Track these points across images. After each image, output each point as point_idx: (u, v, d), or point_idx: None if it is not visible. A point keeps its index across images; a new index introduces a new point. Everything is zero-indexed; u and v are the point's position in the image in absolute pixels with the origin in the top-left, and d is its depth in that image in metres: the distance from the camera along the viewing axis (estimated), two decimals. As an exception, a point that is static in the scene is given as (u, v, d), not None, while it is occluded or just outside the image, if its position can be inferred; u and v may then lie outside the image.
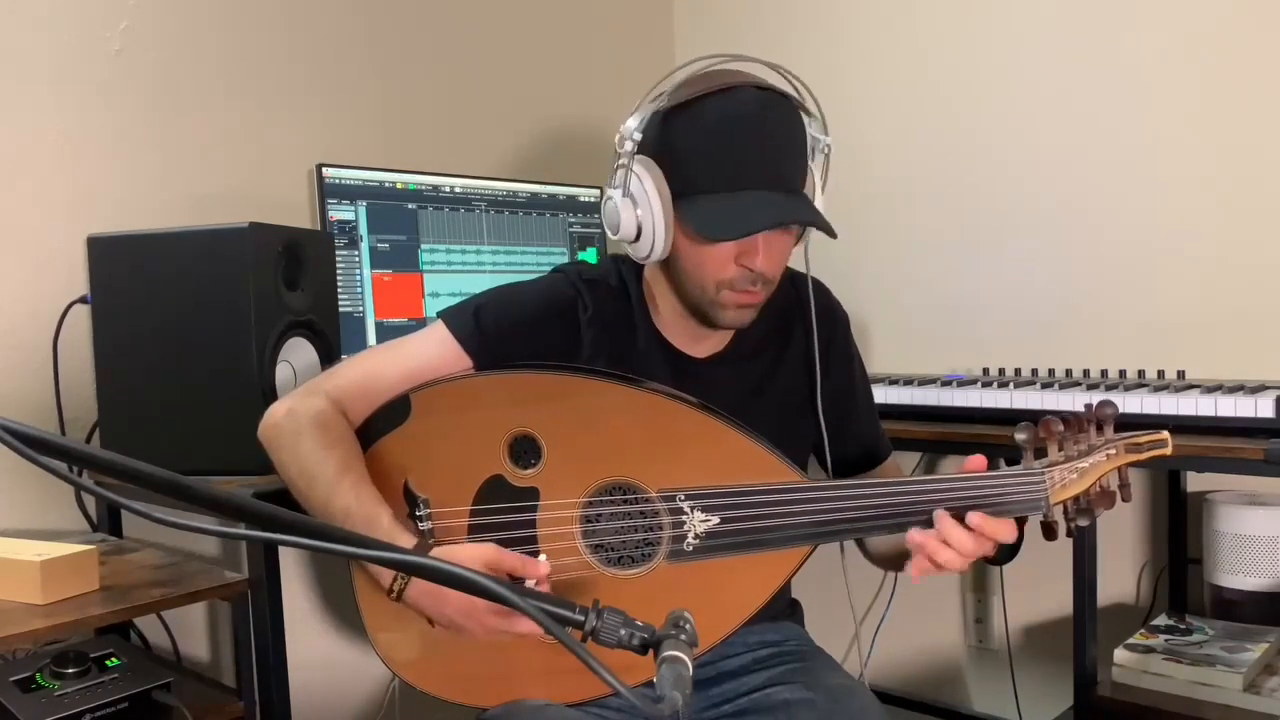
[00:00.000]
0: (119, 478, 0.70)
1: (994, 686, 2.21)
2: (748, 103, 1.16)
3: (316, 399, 1.19)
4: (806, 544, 1.18)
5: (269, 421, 1.21)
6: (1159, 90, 1.92)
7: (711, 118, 1.16)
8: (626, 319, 1.29)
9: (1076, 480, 1.13)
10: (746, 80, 1.19)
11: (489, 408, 1.20)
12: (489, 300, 1.28)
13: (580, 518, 1.18)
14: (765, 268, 1.19)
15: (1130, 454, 1.14)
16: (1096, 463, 1.13)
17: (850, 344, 1.42)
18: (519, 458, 1.19)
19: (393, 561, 0.84)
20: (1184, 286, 1.91)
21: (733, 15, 2.54)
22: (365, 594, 1.20)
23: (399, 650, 1.20)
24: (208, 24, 1.77)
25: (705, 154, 1.17)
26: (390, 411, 1.21)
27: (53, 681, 1.21)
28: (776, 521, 1.16)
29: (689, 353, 1.31)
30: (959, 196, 2.18)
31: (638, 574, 1.18)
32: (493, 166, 2.16)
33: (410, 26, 2.09)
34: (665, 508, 1.17)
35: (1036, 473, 1.12)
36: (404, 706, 1.85)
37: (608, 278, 1.31)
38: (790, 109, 1.20)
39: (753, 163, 1.16)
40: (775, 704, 1.22)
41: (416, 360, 1.23)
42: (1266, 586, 1.70)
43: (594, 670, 0.69)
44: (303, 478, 1.15)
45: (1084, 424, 1.15)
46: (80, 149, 1.62)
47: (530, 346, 1.24)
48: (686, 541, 1.17)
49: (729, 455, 1.18)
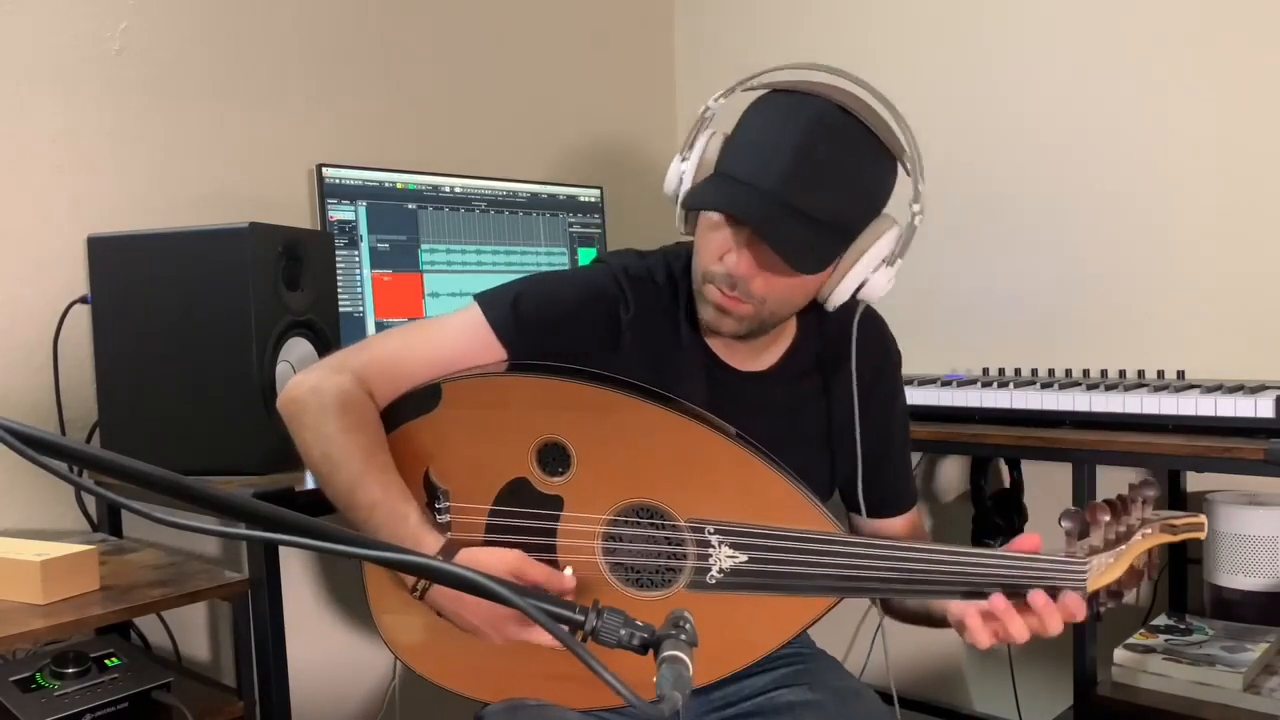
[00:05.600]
0: (119, 478, 0.70)
1: (994, 686, 2.21)
2: (814, 111, 1.09)
3: (342, 376, 1.15)
4: (833, 595, 1.14)
5: (291, 395, 1.15)
6: (1160, 90, 1.92)
7: (775, 110, 1.12)
8: (670, 320, 1.24)
9: (1113, 566, 1.08)
10: (838, 96, 1.11)
11: (523, 409, 1.17)
12: (528, 289, 1.23)
13: (603, 534, 1.16)
14: (740, 274, 1.12)
15: (1165, 534, 1.11)
16: (1133, 544, 1.09)
17: (897, 385, 1.35)
18: (547, 464, 1.16)
19: (394, 562, 0.84)
20: (1184, 286, 1.91)
21: (733, 15, 2.54)
22: (373, 575, 1.18)
23: (403, 634, 1.19)
24: (208, 24, 1.77)
25: (746, 138, 1.14)
26: (420, 397, 1.18)
27: (53, 681, 1.21)
28: (806, 570, 1.12)
29: (731, 364, 1.26)
30: (960, 197, 2.18)
31: (655, 597, 1.15)
32: (493, 166, 2.16)
33: (411, 26, 2.09)
34: (693, 538, 1.14)
35: (1080, 561, 1.07)
36: (404, 706, 1.85)
37: (654, 274, 1.25)
38: (862, 142, 1.10)
39: (770, 162, 1.09)
40: (780, 706, 1.22)
41: (449, 345, 1.19)
42: (1266, 586, 1.70)
43: (592, 668, 0.68)
44: (326, 462, 1.11)
45: (1128, 507, 1.11)
46: (80, 149, 1.62)
47: (568, 342, 1.20)
48: (710, 574, 1.14)
49: (764, 493, 1.14)
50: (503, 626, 1.05)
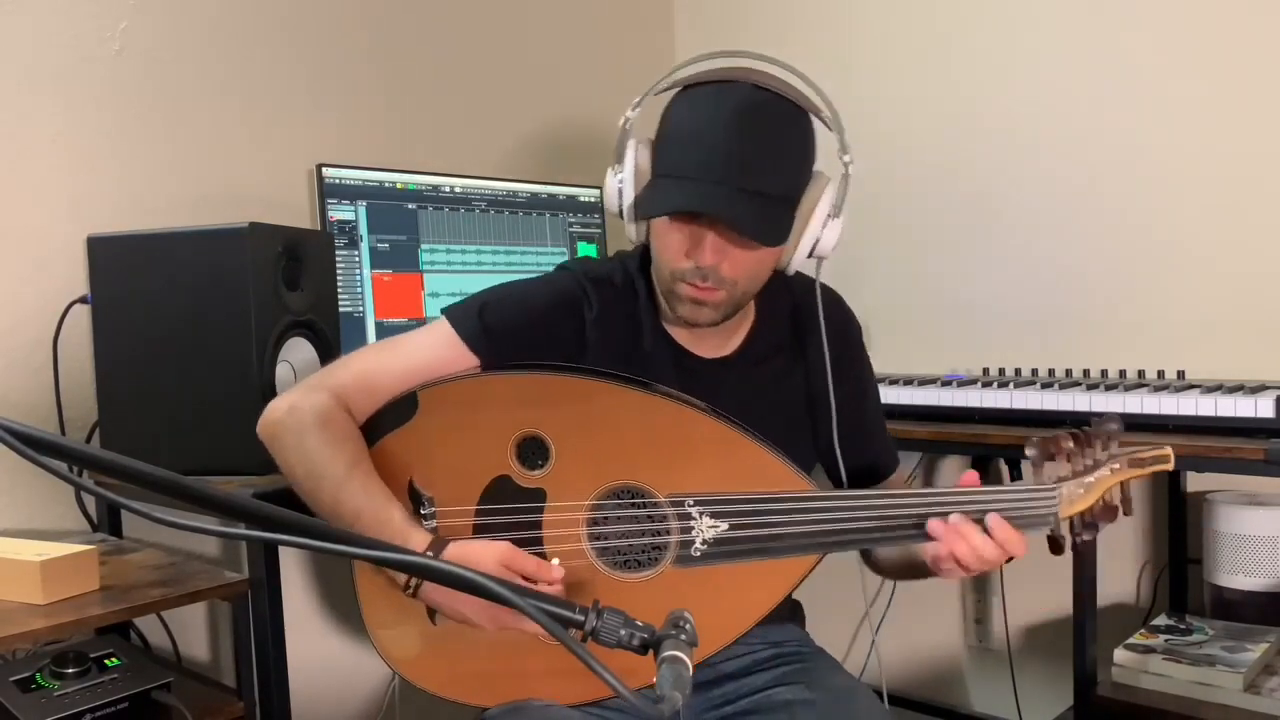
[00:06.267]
0: (119, 478, 0.70)
1: (994, 686, 2.21)
2: (735, 96, 1.14)
3: (319, 394, 1.17)
4: (815, 553, 1.17)
5: (270, 418, 1.18)
6: (1160, 91, 1.92)
7: (696, 105, 1.16)
8: (633, 317, 1.28)
9: (1084, 496, 1.13)
10: (750, 78, 1.16)
11: (497, 407, 1.19)
12: (494, 298, 1.27)
13: (587, 520, 1.18)
14: (709, 263, 1.15)
15: (1134, 469, 1.15)
16: (1101, 478, 1.14)
17: (862, 355, 1.40)
18: (526, 459, 1.18)
19: (393, 562, 0.84)
20: (1184, 286, 1.91)
21: (734, 14, 2.54)
22: (366, 591, 1.19)
23: (399, 647, 1.19)
24: (208, 24, 1.77)
25: (678, 138, 1.17)
26: (396, 408, 1.20)
27: (53, 681, 1.21)
28: (786, 530, 1.15)
29: (697, 352, 1.30)
30: (959, 196, 2.18)
31: (644, 578, 1.17)
32: (493, 166, 2.16)
33: (411, 26, 2.09)
34: (674, 513, 1.17)
35: (1049, 487, 1.13)
36: (404, 707, 1.85)
37: (613, 275, 1.30)
38: (787, 114, 1.16)
39: (708, 152, 1.13)
40: (777, 705, 1.22)
41: (420, 357, 1.22)
42: (1266, 586, 1.70)
43: (593, 669, 0.68)
44: (309, 477, 1.14)
45: (1092, 440, 1.15)
46: (80, 149, 1.62)
47: (535, 345, 1.23)
48: (694, 547, 1.16)
49: (739, 462, 1.17)
50: (497, 614, 1.07)
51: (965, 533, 1.11)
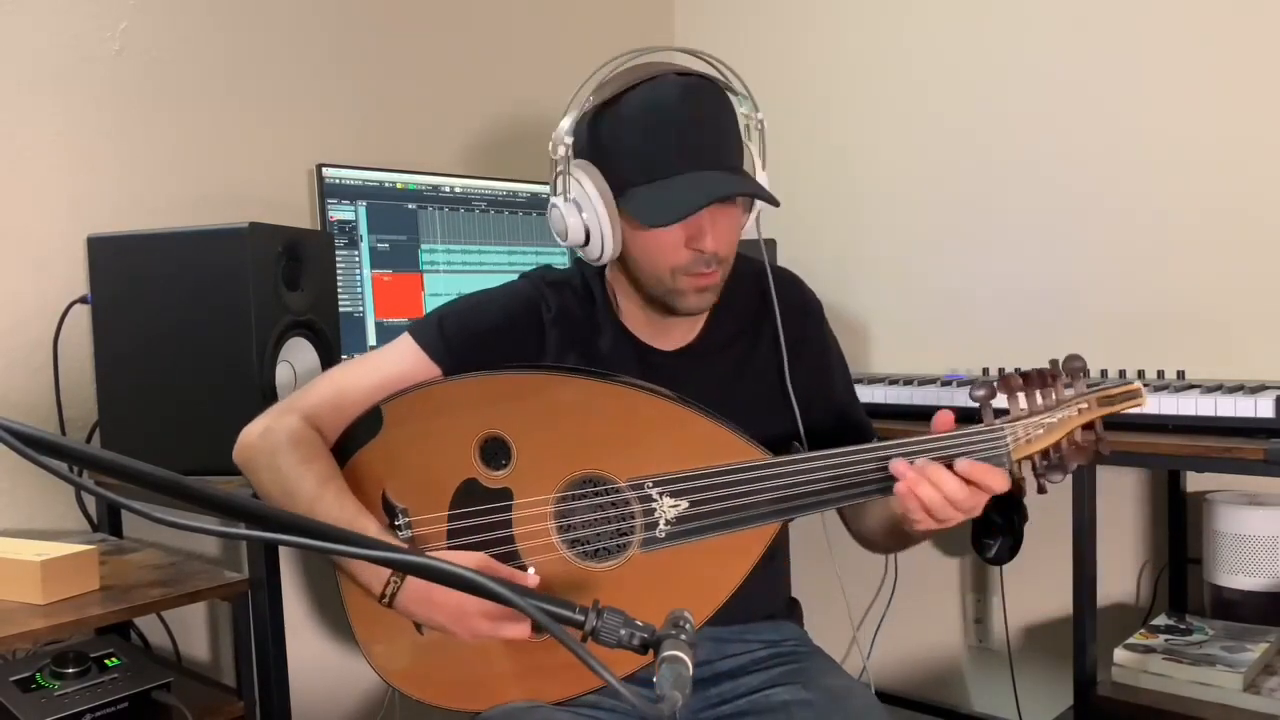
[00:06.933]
0: (119, 478, 0.70)
1: (994, 686, 2.21)
2: (669, 89, 1.17)
3: (290, 417, 1.20)
4: (777, 520, 1.18)
5: (244, 443, 1.21)
6: (1160, 90, 1.92)
7: (636, 110, 1.18)
8: (591, 319, 1.30)
9: (1043, 435, 1.11)
10: (667, 69, 1.20)
11: (458, 412, 1.20)
12: (452, 310, 1.29)
13: (554, 514, 1.19)
14: (716, 246, 1.18)
15: (1103, 407, 1.12)
16: (1066, 417, 1.11)
17: (825, 333, 1.40)
18: (490, 459, 1.19)
19: (393, 561, 0.84)
20: (1184, 286, 1.91)
21: (734, 12, 2.54)
22: (355, 610, 1.21)
23: (393, 661, 1.21)
24: (207, 24, 1.77)
25: (635, 146, 1.18)
26: (364, 424, 1.21)
27: (53, 681, 1.21)
28: (744, 500, 1.16)
29: (657, 346, 1.31)
30: (959, 196, 2.18)
31: (614, 565, 1.18)
32: (493, 167, 2.16)
33: (411, 27, 2.09)
34: (635, 496, 1.18)
35: (997, 428, 1.12)
36: (404, 707, 1.85)
37: (571, 279, 1.32)
38: (714, 90, 1.21)
39: (682, 146, 1.16)
40: (774, 705, 1.22)
41: (386, 373, 1.24)
42: (1266, 586, 1.70)
43: (594, 670, 0.68)
44: (284, 496, 1.15)
45: (1049, 378, 1.13)
46: (80, 149, 1.62)
47: (497, 351, 1.24)
48: (659, 529, 1.17)
49: (694, 439, 1.18)
50: (471, 623, 1.07)
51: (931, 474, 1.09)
